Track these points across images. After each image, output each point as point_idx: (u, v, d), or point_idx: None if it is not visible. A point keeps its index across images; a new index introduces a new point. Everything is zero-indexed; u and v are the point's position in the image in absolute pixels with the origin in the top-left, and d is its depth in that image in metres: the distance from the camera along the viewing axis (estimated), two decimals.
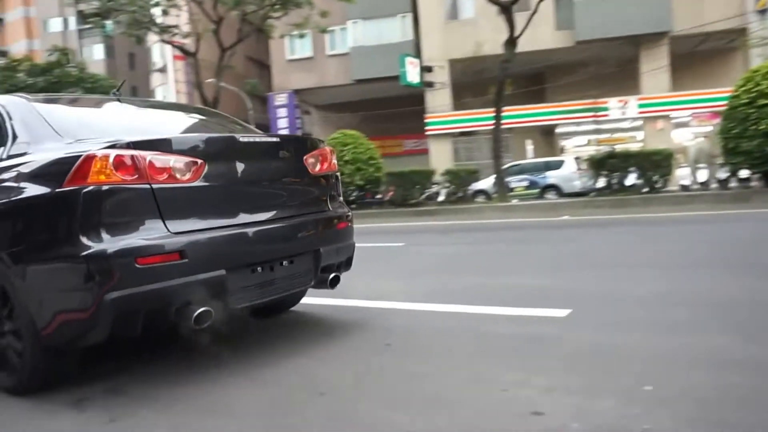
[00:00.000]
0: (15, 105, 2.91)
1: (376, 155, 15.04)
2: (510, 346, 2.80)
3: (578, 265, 5.17)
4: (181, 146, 2.59)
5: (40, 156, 2.57)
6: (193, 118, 3.76)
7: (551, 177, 16.14)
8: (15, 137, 2.74)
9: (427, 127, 23.99)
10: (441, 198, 15.34)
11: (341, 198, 3.52)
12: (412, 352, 2.85)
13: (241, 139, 2.90)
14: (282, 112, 28.86)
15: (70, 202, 2.34)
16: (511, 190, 15.01)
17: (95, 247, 2.29)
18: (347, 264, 3.44)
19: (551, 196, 15.42)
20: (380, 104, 26.32)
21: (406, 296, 4.12)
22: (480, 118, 22.75)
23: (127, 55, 44.67)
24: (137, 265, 2.30)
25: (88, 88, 22.13)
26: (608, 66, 20.81)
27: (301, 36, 19.94)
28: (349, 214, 3.43)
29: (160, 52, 37.39)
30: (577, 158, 17.08)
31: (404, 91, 24.29)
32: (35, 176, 2.53)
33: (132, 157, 2.38)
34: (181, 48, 19.68)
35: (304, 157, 3.11)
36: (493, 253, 6.61)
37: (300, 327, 3.54)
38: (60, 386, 2.61)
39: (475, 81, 22.23)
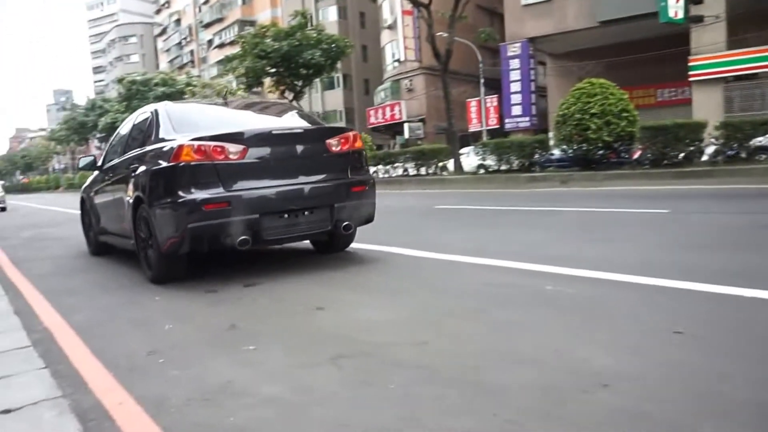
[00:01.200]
0: (160, 109, 5.07)
1: (630, 107, 13.65)
2: None
3: None
4: (233, 138, 4.27)
5: (164, 143, 4.54)
6: (261, 115, 5.69)
7: None
8: (158, 131, 4.83)
9: (690, 72, 21.16)
10: (704, 157, 13.39)
11: (366, 168, 5.03)
12: (718, 347, 2.36)
13: (273, 132, 4.54)
14: (515, 63, 28.12)
15: (172, 171, 4.21)
16: None
17: (185, 197, 4.12)
18: (368, 217, 4.93)
19: None
20: (628, 49, 23.96)
21: (687, 274, 3.54)
22: (764, 57, 19.39)
23: (358, 14, 47.72)
24: (204, 209, 4.09)
25: (325, 49, 24.08)
26: None
27: None
28: (370, 180, 4.92)
29: (389, 9, 39.13)
30: None
31: (659, 32, 21.77)
32: (160, 155, 4.44)
33: (203, 146, 4.17)
34: (413, 0, 20.14)
35: (327, 141, 4.66)
36: None
37: (565, 302, 3.24)
38: (288, 338, 2.75)
39: (760, 11, 18.87)
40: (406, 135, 36.45)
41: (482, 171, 17.58)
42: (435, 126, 36.71)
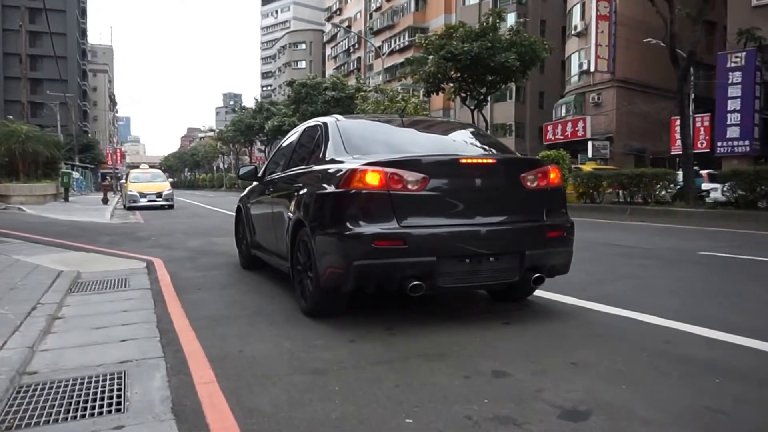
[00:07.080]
0: (330, 124, 4.82)
1: None
2: None
3: None
4: (413, 165, 3.88)
5: (333, 165, 4.26)
6: (446, 137, 5.13)
7: None
8: (327, 149, 4.57)
9: None
10: None
11: (564, 210, 4.41)
12: None
13: (461, 161, 4.06)
14: (736, 76, 25.35)
15: (340, 198, 3.88)
16: None
17: (353, 229, 3.76)
18: (562, 268, 4.33)
19: None
20: None
21: None
22: None
23: (539, 22, 46.35)
24: (374, 245, 3.70)
25: (521, 52, 23.07)
26: None
27: None
28: (568, 224, 4.30)
29: (579, 15, 37.41)
30: None
31: None
32: (328, 178, 4.15)
33: (378, 172, 3.78)
34: None
35: (521, 175, 4.16)
36: None
37: None
38: None
39: None
40: (590, 154, 34.35)
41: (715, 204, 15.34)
42: (625, 145, 34.27)
